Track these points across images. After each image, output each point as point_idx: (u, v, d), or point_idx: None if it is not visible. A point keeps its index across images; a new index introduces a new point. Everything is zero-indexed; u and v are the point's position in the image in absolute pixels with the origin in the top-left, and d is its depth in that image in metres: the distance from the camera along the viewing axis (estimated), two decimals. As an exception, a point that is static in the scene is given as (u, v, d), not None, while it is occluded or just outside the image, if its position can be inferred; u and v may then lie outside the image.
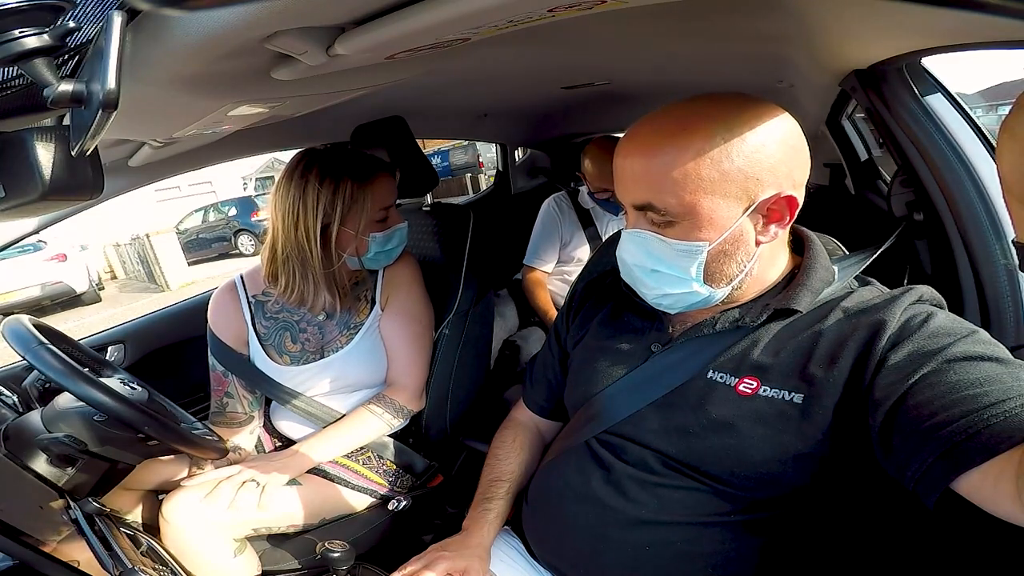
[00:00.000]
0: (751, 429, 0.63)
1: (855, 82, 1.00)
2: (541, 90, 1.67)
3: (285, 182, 1.08)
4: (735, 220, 0.62)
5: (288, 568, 1.11)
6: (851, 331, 0.62)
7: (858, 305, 0.65)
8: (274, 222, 1.10)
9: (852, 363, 0.60)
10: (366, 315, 1.17)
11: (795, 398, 0.62)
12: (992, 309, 0.90)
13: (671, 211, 0.62)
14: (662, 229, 0.65)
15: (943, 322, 0.59)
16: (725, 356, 0.68)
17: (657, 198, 0.63)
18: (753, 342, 0.67)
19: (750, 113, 0.61)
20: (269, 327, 1.18)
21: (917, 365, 0.55)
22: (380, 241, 1.11)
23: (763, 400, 0.63)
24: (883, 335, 0.59)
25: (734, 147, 0.59)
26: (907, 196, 1.06)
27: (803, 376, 0.62)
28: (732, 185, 0.60)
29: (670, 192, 0.61)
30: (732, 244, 0.64)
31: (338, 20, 0.56)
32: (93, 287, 9.50)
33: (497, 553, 0.84)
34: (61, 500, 0.83)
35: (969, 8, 0.31)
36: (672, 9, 0.78)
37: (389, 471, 1.20)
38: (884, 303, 0.63)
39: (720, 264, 0.65)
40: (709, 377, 0.68)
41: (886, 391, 0.56)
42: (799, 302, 0.66)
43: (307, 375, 1.16)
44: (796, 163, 0.63)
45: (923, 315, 0.60)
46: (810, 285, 0.67)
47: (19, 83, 0.53)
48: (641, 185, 0.64)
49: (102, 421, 0.88)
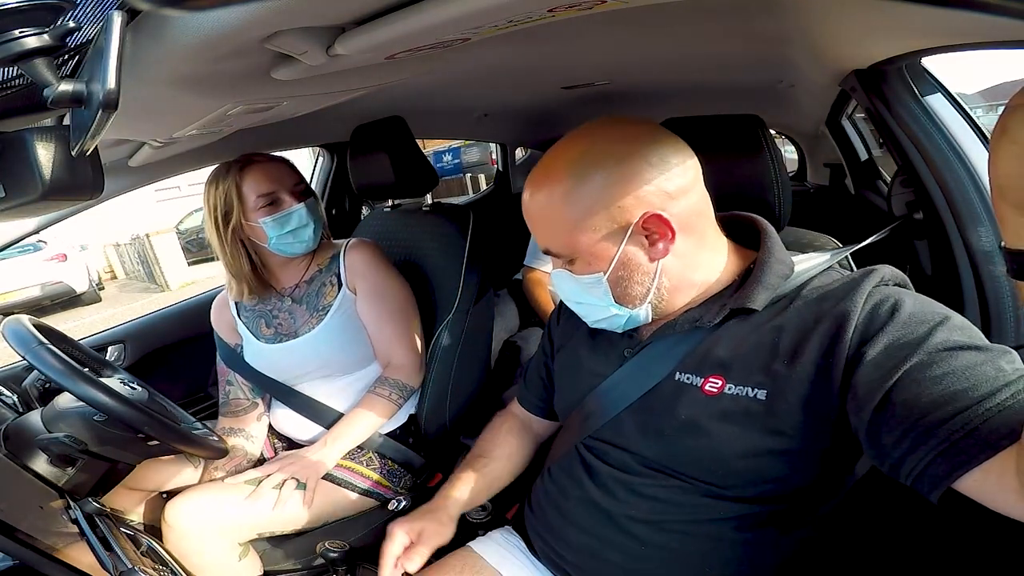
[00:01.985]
0: (720, 428, 0.63)
1: (855, 82, 1.00)
2: (541, 90, 1.67)
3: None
4: (616, 248, 0.65)
5: (288, 568, 1.11)
6: (813, 322, 0.62)
7: (818, 292, 0.65)
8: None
9: (818, 356, 0.60)
10: (334, 297, 1.21)
11: (759, 394, 0.62)
12: (992, 309, 0.91)
13: (562, 253, 0.68)
14: (569, 266, 0.69)
15: (913, 308, 0.58)
16: (690, 357, 0.68)
17: (549, 243, 0.69)
18: (715, 341, 0.67)
19: (602, 144, 0.64)
20: (249, 317, 1.26)
21: (898, 360, 0.55)
22: (273, 225, 1.13)
23: (729, 398, 0.64)
24: (849, 326, 0.58)
25: (586, 184, 0.63)
26: (907, 196, 1.06)
27: (766, 372, 0.62)
28: (596, 218, 0.64)
29: (553, 237, 0.67)
30: (624, 269, 0.66)
31: (338, 20, 0.56)
32: (93, 287, 9.50)
33: (499, 551, 0.84)
34: (61, 500, 0.83)
35: (969, 8, 0.31)
36: (672, 9, 0.78)
37: (389, 471, 1.20)
38: (844, 289, 0.63)
39: (624, 288, 0.67)
40: (677, 379, 0.68)
41: (869, 388, 0.55)
42: (754, 300, 0.65)
43: (284, 353, 1.21)
44: (664, 177, 0.63)
45: (891, 301, 0.59)
46: (765, 281, 0.66)
47: (19, 83, 0.53)
48: (537, 232, 0.70)
49: (102, 421, 0.88)
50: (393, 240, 1.45)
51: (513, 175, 2.88)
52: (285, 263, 1.22)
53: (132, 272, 11.77)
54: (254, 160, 1.14)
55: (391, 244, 1.44)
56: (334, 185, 2.04)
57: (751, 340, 0.65)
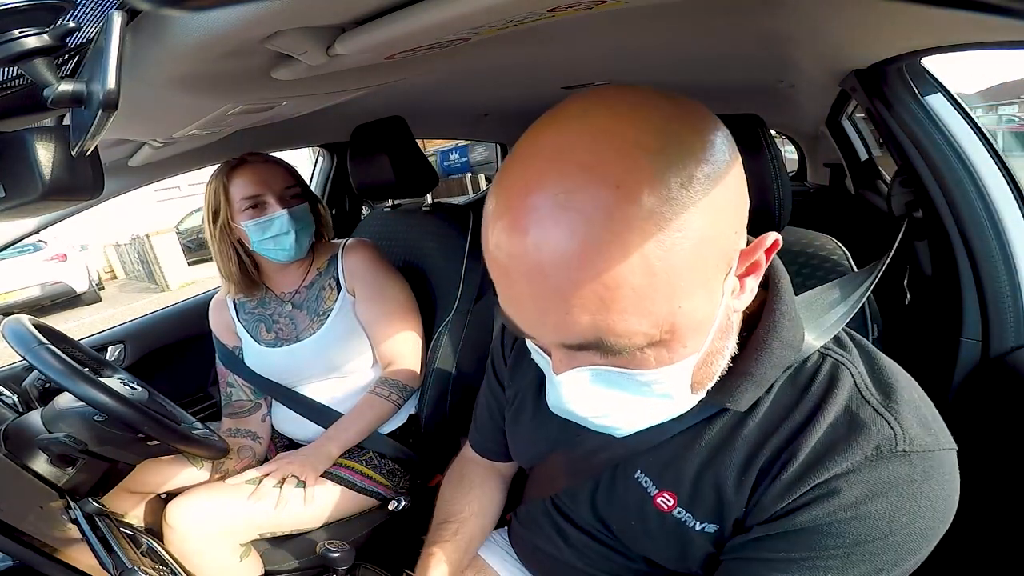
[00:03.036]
0: (662, 538, 0.58)
1: (855, 82, 1.00)
2: (541, 90, 1.66)
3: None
4: (720, 305, 0.43)
5: (288, 568, 1.11)
6: (789, 457, 0.48)
7: (794, 430, 0.49)
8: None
9: (759, 477, 0.50)
10: (333, 301, 1.21)
11: (707, 527, 0.54)
12: (992, 309, 0.91)
13: (636, 341, 0.40)
14: (625, 360, 0.42)
15: (880, 511, 0.45)
16: (654, 456, 0.57)
17: (609, 330, 0.38)
18: (681, 449, 0.55)
19: (667, 127, 0.38)
20: (248, 320, 1.25)
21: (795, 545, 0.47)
22: (254, 229, 1.12)
23: (674, 520, 0.56)
24: (775, 503, 0.48)
25: (698, 191, 0.37)
26: (907, 196, 1.06)
27: (722, 509, 0.53)
28: (710, 256, 0.39)
29: (633, 315, 0.38)
30: (720, 336, 0.45)
31: (338, 20, 0.56)
32: (93, 287, 9.50)
33: (499, 552, 0.84)
34: (61, 500, 0.83)
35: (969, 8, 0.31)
36: (672, 9, 0.78)
37: (390, 471, 1.20)
38: (818, 447, 0.47)
39: (707, 367, 0.46)
40: (636, 476, 0.59)
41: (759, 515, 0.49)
42: (739, 400, 0.49)
43: (285, 357, 1.21)
44: (742, 181, 0.43)
45: (854, 493, 0.45)
46: (759, 376, 0.49)
47: (19, 83, 0.53)
48: (578, 314, 0.38)
49: (102, 421, 0.88)
50: (393, 240, 1.45)
51: (513, 175, 2.88)
52: (282, 267, 1.21)
53: (132, 272, 11.77)
54: (246, 161, 1.14)
55: (391, 244, 1.44)
56: (334, 185, 2.04)
57: (721, 463, 0.52)
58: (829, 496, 0.45)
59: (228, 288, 1.21)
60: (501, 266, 0.40)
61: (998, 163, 0.92)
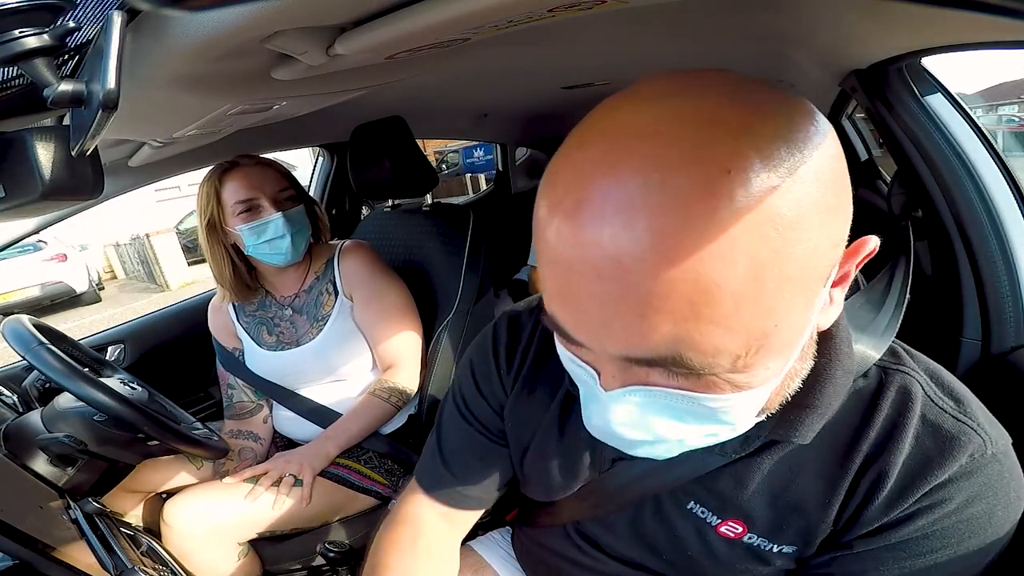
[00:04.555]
0: (730, 563, 0.54)
1: (855, 82, 1.00)
2: (541, 90, 1.67)
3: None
4: (810, 322, 0.37)
5: (288, 568, 1.11)
6: (880, 474, 0.46)
7: (879, 443, 0.47)
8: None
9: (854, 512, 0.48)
10: (332, 306, 1.21)
11: (784, 549, 0.51)
12: (992, 309, 0.91)
13: (722, 361, 0.33)
14: (692, 383, 0.36)
15: (973, 516, 0.45)
16: (706, 487, 0.53)
17: (692, 344, 0.32)
18: (741, 478, 0.51)
19: (775, 121, 0.32)
20: (249, 323, 1.25)
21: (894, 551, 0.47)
22: (249, 234, 1.10)
23: (746, 546, 0.52)
24: (880, 517, 0.47)
25: (809, 182, 0.31)
26: (907, 196, 1.06)
27: (806, 531, 0.50)
28: (819, 268, 0.34)
29: (722, 327, 0.32)
30: (801, 357, 0.40)
31: (338, 20, 0.56)
32: (93, 287, 9.49)
33: (499, 551, 0.84)
34: (61, 500, 0.83)
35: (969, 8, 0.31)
36: (672, 8, 0.78)
37: (389, 471, 1.20)
38: (912, 462, 0.45)
39: (782, 390, 0.42)
40: (690, 508, 0.54)
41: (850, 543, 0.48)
42: (800, 433, 0.46)
43: (286, 360, 1.21)
44: (847, 185, 0.36)
45: (960, 498, 0.45)
46: (822, 408, 0.45)
47: (19, 83, 0.53)
48: (658, 325, 0.32)
49: (102, 421, 0.88)
50: (393, 240, 1.45)
51: (513, 175, 2.89)
52: (280, 271, 1.20)
53: (132, 272, 11.77)
54: (238, 164, 1.12)
55: (391, 244, 1.44)
56: (334, 185, 2.04)
57: (791, 491, 0.49)
58: (932, 508, 0.45)
59: (224, 294, 1.20)
60: (562, 260, 0.33)
61: (998, 163, 0.92)
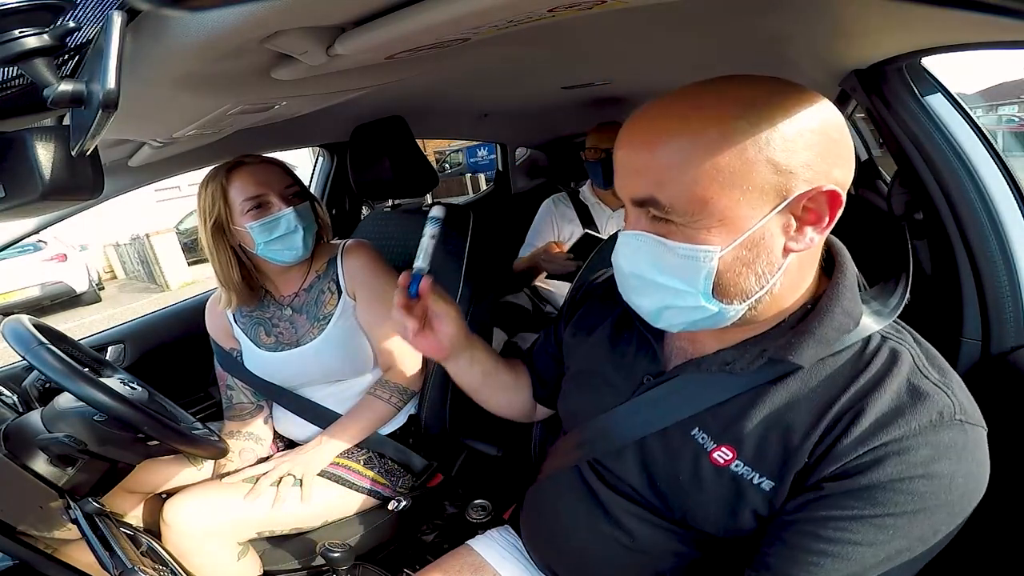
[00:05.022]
0: (712, 494, 0.59)
1: (855, 82, 1.00)
2: (541, 90, 1.67)
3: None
4: (757, 220, 0.51)
5: (288, 568, 1.11)
6: (857, 415, 0.52)
7: (863, 390, 0.54)
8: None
9: (819, 436, 0.54)
10: (334, 305, 1.20)
11: (764, 483, 0.56)
12: (992, 309, 0.91)
13: (676, 208, 0.51)
14: (665, 230, 0.54)
15: (930, 474, 0.50)
16: (714, 415, 0.60)
17: (660, 191, 0.52)
18: (745, 408, 0.58)
19: (784, 95, 0.51)
20: (246, 323, 1.24)
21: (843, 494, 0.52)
22: (260, 231, 1.09)
23: (730, 475, 0.58)
24: (847, 452, 0.52)
25: (763, 132, 0.49)
26: (907, 196, 1.06)
27: (784, 464, 0.56)
28: (757, 177, 0.49)
29: (676, 183, 0.51)
30: (751, 250, 0.52)
31: (338, 20, 0.56)
32: (93, 287, 9.49)
33: (498, 550, 0.84)
34: (61, 500, 0.83)
35: (969, 8, 0.31)
36: (672, 9, 0.78)
37: (389, 471, 1.20)
38: (886, 409, 0.52)
39: (734, 275, 0.53)
40: (692, 435, 0.61)
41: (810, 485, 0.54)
42: (800, 354, 0.55)
43: (285, 361, 1.20)
44: (837, 158, 0.51)
45: (923, 453, 0.50)
46: (820, 334, 0.55)
47: (19, 83, 0.53)
48: (643, 176, 0.53)
49: (102, 421, 0.88)
50: (393, 240, 1.45)
51: (513, 175, 2.89)
52: (283, 270, 1.19)
53: (132, 272, 11.76)
54: (243, 162, 1.12)
55: (391, 244, 1.44)
56: (334, 185, 2.04)
57: (786, 419, 0.56)
58: (900, 454, 0.50)
59: (229, 299, 1.17)
60: (618, 142, 0.56)
61: (998, 163, 0.92)
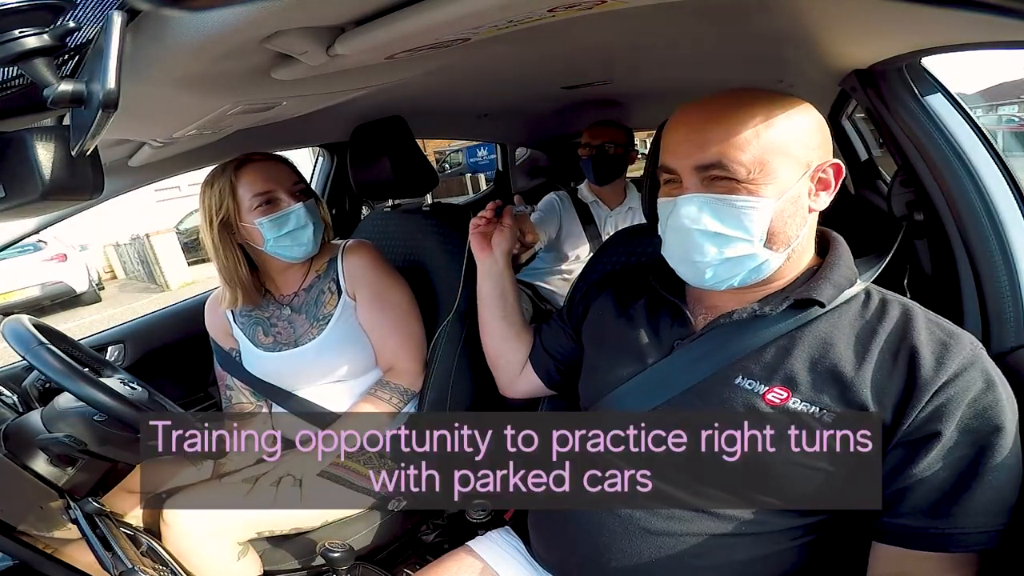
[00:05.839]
0: (772, 440, 0.63)
1: (855, 82, 1.00)
2: (541, 90, 1.67)
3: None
4: (795, 182, 0.65)
5: (288, 568, 1.11)
6: (891, 358, 0.63)
7: (898, 330, 0.65)
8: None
9: (896, 402, 0.61)
10: (334, 305, 1.19)
11: (825, 416, 0.62)
12: (992, 309, 0.90)
13: (740, 169, 0.63)
14: (727, 188, 0.65)
15: (994, 401, 0.60)
16: (755, 361, 0.68)
17: (729, 155, 0.63)
18: (784, 352, 0.67)
19: (790, 99, 0.67)
20: (245, 323, 1.23)
21: (955, 442, 0.59)
22: (269, 226, 1.09)
23: (791, 412, 0.63)
24: (931, 385, 0.60)
25: (791, 116, 0.65)
26: (907, 196, 1.06)
27: (839, 395, 0.63)
28: (794, 150, 0.65)
29: (742, 148, 0.63)
30: (792, 204, 0.66)
31: (338, 20, 0.56)
32: (93, 287, 9.49)
33: (498, 551, 0.84)
34: (61, 500, 0.83)
35: (969, 8, 0.31)
36: (672, 9, 0.78)
37: (389, 470, 1.20)
38: (934, 344, 0.63)
39: (782, 224, 0.66)
40: (737, 383, 0.67)
41: (915, 442, 0.60)
42: (821, 293, 0.67)
43: (283, 362, 1.20)
44: (829, 143, 0.69)
45: (980, 384, 0.60)
46: (833, 279, 0.68)
47: (19, 83, 0.53)
48: (712, 144, 0.64)
49: (102, 421, 0.88)
50: (393, 240, 1.45)
51: (513, 175, 2.89)
52: (285, 268, 1.19)
53: (132, 272, 11.76)
54: (251, 159, 1.12)
55: (391, 244, 1.44)
56: (334, 185, 2.04)
57: (830, 355, 0.65)
58: (963, 392, 0.59)
59: (234, 298, 1.16)
60: (672, 125, 0.70)
61: (998, 163, 0.92)
